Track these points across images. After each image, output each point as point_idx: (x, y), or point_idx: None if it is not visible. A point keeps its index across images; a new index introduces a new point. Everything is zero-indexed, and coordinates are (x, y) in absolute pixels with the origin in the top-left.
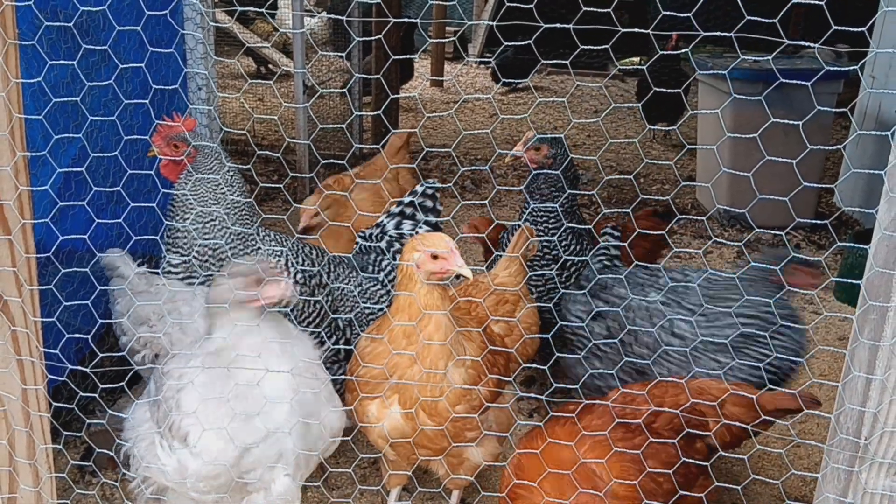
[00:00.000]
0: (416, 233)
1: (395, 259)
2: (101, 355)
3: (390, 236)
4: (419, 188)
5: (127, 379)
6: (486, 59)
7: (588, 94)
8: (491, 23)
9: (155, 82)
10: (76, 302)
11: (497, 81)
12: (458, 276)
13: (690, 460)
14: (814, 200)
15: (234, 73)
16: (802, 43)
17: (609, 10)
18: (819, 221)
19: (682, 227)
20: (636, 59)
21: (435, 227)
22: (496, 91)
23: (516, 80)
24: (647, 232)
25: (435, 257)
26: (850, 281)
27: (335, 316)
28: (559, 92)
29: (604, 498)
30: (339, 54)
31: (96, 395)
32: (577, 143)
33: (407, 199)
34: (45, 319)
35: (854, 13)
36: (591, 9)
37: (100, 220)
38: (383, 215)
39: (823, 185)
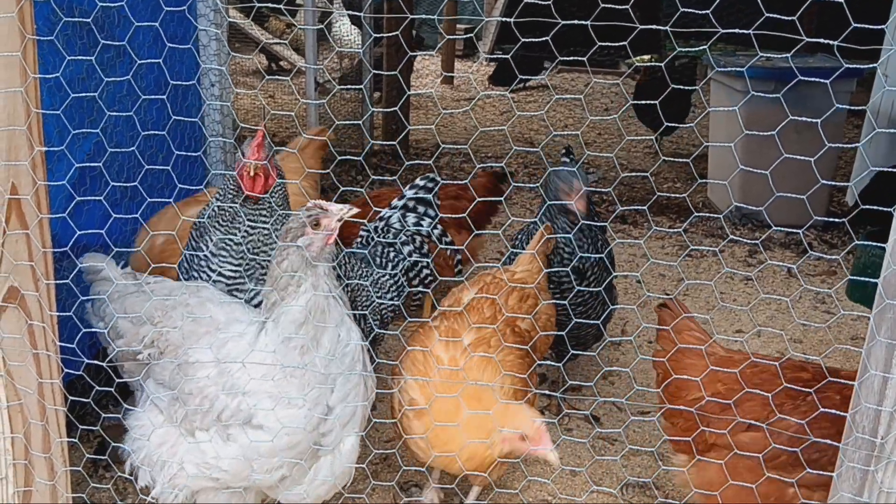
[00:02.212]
0: (421, 224)
1: (402, 251)
2: (116, 350)
3: (396, 229)
4: (420, 181)
5: (143, 373)
6: (497, 57)
7: (599, 91)
8: (502, 19)
9: (170, 78)
10: (92, 296)
11: (497, 83)
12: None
13: None
14: (826, 199)
15: (245, 70)
16: (820, 41)
17: (627, 6)
18: (836, 220)
19: (694, 226)
20: (646, 57)
21: (436, 219)
22: (508, 90)
23: (527, 77)
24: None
25: (523, 439)
26: (863, 280)
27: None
28: (570, 90)
29: None
30: (357, 50)
31: (112, 389)
32: (588, 141)
33: (410, 193)
34: (61, 314)
35: (866, 11)
36: (605, 5)
37: (115, 215)
38: (386, 209)
39: (838, 184)
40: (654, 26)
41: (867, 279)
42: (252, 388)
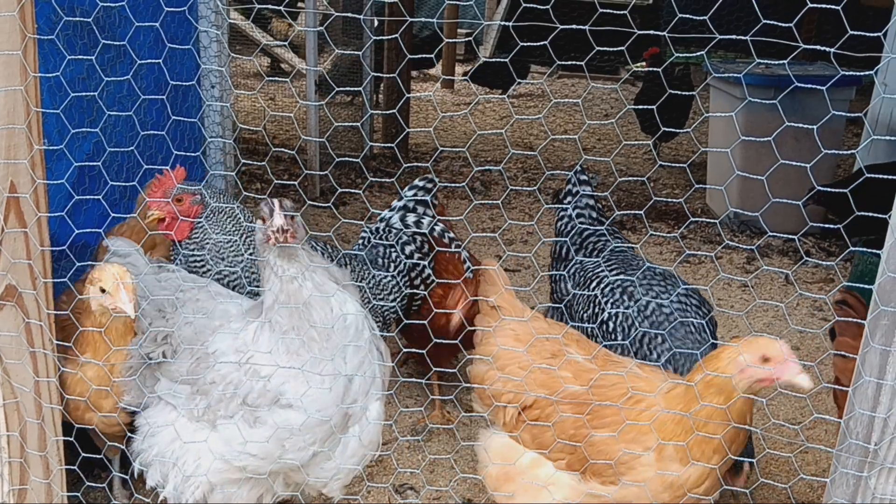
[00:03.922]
0: (422, 222)
1: (403, 251)
2: (113, 349)
3: (396, 229)
4: (419, 182)
5: (140, 371)
6: (489, 59)
7: (598, 97)
8: (501, 23)
9: (170, 79)
10: (89, 296)
11: (477, 81)
12: None
13: None
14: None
15: (246, 73)
16: (817, 48)
17: (625, 12)
18: (832, 226)
19: (692, 232)
20: (642, 63)
21: (434, 218)
22: (509, 93)
23: (515, 81)
24: None
25: (766, 359)
26: (859, 286)
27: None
28: (570, 95)
29: None
30: (356, 52)
31: (108, 389)
32: (587, 147)
33: (410, 193)
34: (58, 312)
35: (865, 20)
36: (604, 10)
37: (114, 215)
38: (386, 210)
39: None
40: (653, 31)
41: (863, 286)
42: (277, 367)
